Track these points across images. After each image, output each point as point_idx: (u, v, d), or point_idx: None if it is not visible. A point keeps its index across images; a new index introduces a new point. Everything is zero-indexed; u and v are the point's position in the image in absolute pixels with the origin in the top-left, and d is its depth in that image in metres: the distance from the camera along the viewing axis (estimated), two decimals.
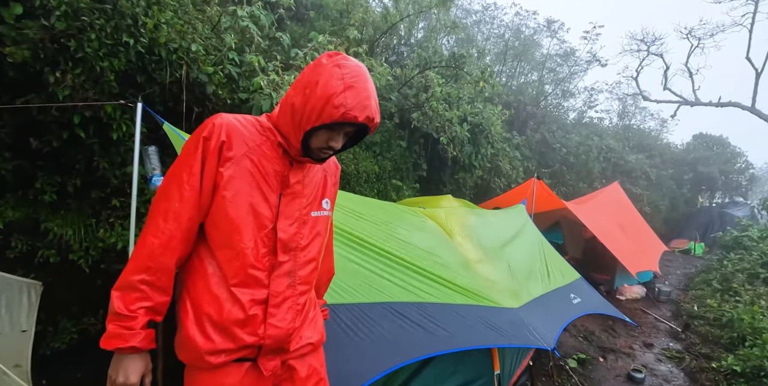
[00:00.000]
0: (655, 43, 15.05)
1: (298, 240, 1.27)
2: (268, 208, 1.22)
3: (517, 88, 13.38)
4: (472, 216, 3.98)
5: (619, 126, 17.36)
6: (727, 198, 18.86)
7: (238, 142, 1.18)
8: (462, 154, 6.52)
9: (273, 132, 1.24)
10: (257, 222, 1.20)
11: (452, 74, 6.88)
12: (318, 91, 1.10)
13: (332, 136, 1.19)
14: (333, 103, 1.09)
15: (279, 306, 1.23)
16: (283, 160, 1.25)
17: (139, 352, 1.15)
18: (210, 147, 1.15)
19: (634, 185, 13.32)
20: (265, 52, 4.63)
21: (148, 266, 1.13)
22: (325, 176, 1.40)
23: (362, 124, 1.16)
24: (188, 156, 1.17)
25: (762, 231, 10.00)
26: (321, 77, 1.11)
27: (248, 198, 1.19)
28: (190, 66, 3.34)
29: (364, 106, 1.12)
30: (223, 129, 1.17)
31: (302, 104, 1.14)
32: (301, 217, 1.28)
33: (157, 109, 3.46)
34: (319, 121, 1.12)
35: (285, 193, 1.25)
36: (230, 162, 1.17)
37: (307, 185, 1.31)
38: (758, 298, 6.29)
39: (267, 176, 1.22)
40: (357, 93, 1.11)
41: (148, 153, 2.90)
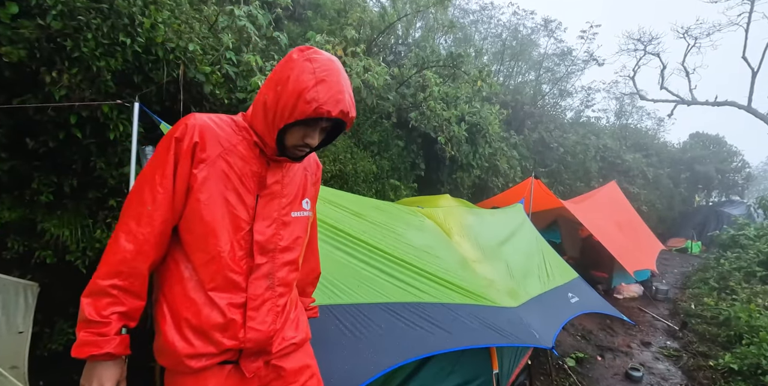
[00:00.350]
0: (652, 42, 15.11)
1: (276, 241, 1.24)
2: (245, 210, 1.19)
3: (515, 88, 13.40)
4: (470, 215, 3.99)
5: (616, 125, 17.41)
6: (724, 196, 18.96)
7: (212, 143, 1.16)
8: (460, 153, 6.52)
9: (248, 131, 1.22)
10: (233, 224, 1.17)
11: (450, 74, 6.88)
12: (289, 87, 1.08)
13: (307, 132, 1.17)
14: (305, 98, 1.07)
15: (258, 309, 1.21)
16: (260, 160, 1.22)
17: (114, 359, 1.09)
18: (182, 148, 1.13)
19: (631, 184, 13.36)
20: (263, 51, 4.62)
21: (120, 270, 1.09)
22: (305, 175, 1.38)
23: (337, 119, 1.14)
24: (160, 157, 1.14)
25: (758, 229, 10.04)
26: (292, 72, 1.09)
27: (223, 200, 1.16)
28: (188, 65, 3.33)
29: (337, 99, 1.09)
30: (196, 130, 1.14)
31: (274, 101, 1.11)
32: (280, 218, 1.26)
33: (154, 109, 3.44)
34: (292, 117, 1.10)
35: (262, 194, 1.22)
36: (204, 163, 1.14)
37: (286, 185, 1.28)
38: (755, 296, 6.33)
39: (243, 177, 1.19)
40: (329, 87, 1.08)
41: (145, 153, 2.88)
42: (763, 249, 8.16)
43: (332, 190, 3.06)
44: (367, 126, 6.03)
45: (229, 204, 1.16)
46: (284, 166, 1.28)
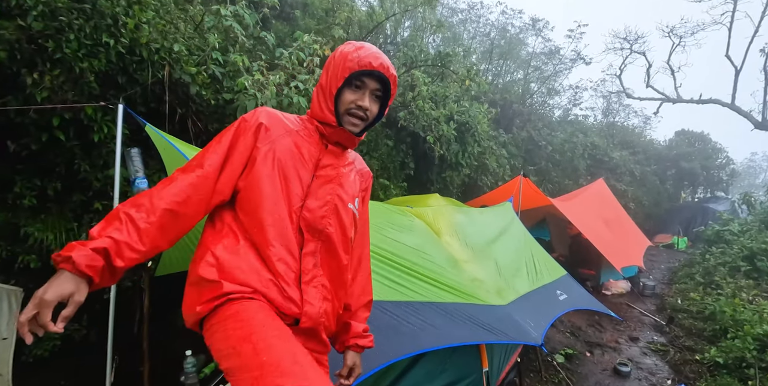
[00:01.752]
0: (638, 41, 15.31)
1: (325, 224, 1.24)
2: (300, 186, 1.22)
3: (504, 87, 13.48)
4: (460, 214, 4.00)
5: (603, 123, 17.58)
6: (709, 193, 19.23)
7: (277, 126, 1.25)
8: (449, 152, 6.54)
9: (310, 120, 1.32)
10: (290, 197, 1.20)
11: (438, 73, 6.90)
12: (336, 61, 1.23)
13: (357, 95, 1.24)
14: (348, 59, 1.20)
15: (309, 283, 1.19)
16: (319, 146, 1.29)
17: (75, 272, 0.94)
18: (248, 126, 1.23)
19: (618, 181, 13.51)
20: (250, 51, 4.59)
21: (140, 203, 1.07)
22: (357, 179, 1.40)
23: (380, 75, 1.22)
24: (223, 133, 1.24)
25: (742, 225, 10.21)
26: (336, 53, 1.25)
27: (282, 173, 1.20)
28: (173, 66, 3.30)
29: (376, 56, 1.22)
30: (264, 114, 1.25)
31: (326, 77, 1.25)
32: (332, 202, 1.26)
33: (140, 111, 3.41)
34: (342, 78, 1.20)
35: (317, 175, 1.26)
36: (268, 139, 1.22)
37: (341, 173, 1.31)
38: (739, 291, 6.43)
39: (302, 156, 1.25)
40: (367, 49, 1.23)
41: (130, 155, 2.85)
42: (746, 245, 8.29)
43: None
44: None
45: (287, 178, 1.21)
46: (340, 156, 1.34)
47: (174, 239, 1.14)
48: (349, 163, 1.38)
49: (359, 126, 1.28)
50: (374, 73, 1.22)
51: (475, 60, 13.04)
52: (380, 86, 1.26)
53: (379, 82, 1.25)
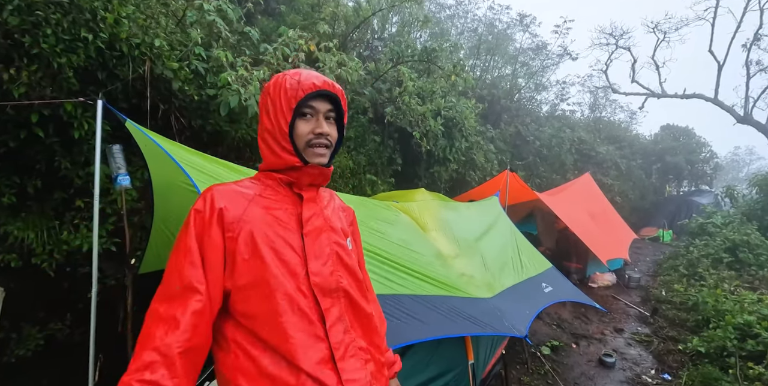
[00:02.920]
0: (623, 36, 15.44)
1: (337, 279, 1.12)
2: (294, 254, 1.08)
3: (491, 82, 13.51)
4: (446, 209, 4.02)
5: (590, 118, 17.74)
6: (694, 186, 19.55)
7: (236, 201, 1.08)
8: (436, 147, 6.56)
9: (267, 174, 1.17)
10: (289, 272, 1.05)
11: (425, 68, 6.90)
12: (274, 97, 1.11)
13: (311, 123, 1.12)
14: (288, 88, 1.08)
15: (344, 358, 1.08)
16: (291, 198, 1.15)
17: None
18: (205, 218, 1.04)
19: (605, 176, 13.68)
20: (234, 47, 4.55)
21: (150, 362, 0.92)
22: (340, 216, 1.29)
23: (327, 93, 1.12)
24: (183, 234, 1.05)
25: (725, 217, 10.41)
26: (269, 90, 1.13)
27: (270, 250, 1.05)
28: (154, 61, 3.25)
29: (316, 76, 1.12)
30: (215, 196, 1.07)
31: (268, 118, 1.12)
32: (333, 252, 1.15)
33: (121, 106, 3.37)
34: (289, 112, 1.09)
35: (306, 232, 1.11)
36: (235, 224, 1.05)
37: (327, 218, 1.19)
38: (721, 282, 6.58)
39: (280, 220, 1.10)
40: (302, 73, 1.12)
41: (112, 152, 2.82)
42: (729, 236, 8.46)
43: None
44: None
45: (277, 252, 1.06)
46: (318, 199, 1.20)
47: (200, 368, 1.01)
48: (329, 202, 1.27)
49: (326, 155, 1.14)
50: (321, 93, 1.11)
51: (463, 55, 13.06)
52: (331, 106, 1.15)
53: (329, 102, 1.14)
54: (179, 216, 3.21)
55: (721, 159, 23.48)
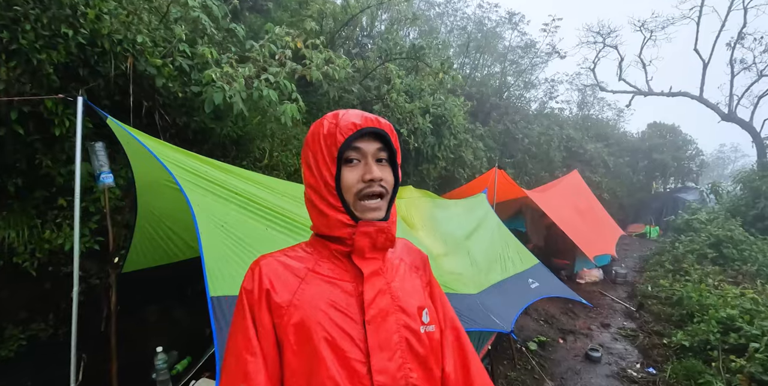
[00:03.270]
0: (611, 35, 15.57)
1: (406, 375, 0.93)
2: (354, 346, 0.90)
3: (481, 80, 13.57)
4: (434, 207, 4.03)
5: (578, 116, 17.90)
6: (680, 183, 19.82)
7: (286, 280, 0.95)
8: (425, 145, 6.57)
9: (320, 241, 1.00)
10: (346, 369, 0.89)
11: (413, 66, 6.90)
12: (312, 147, 0.96)
13: (359, 169, 0.94)
14: (327, 134, 0.92)
15: None
16: (350, 273, 0.96)
17: None
18: (254, 299, 0.93)
19: (593, 173, 13.81)
20: (220, 44, 4.51)
21: None
22: (415, 276, 1.07)
23: (373, 130, 0.93)
24: (238, 318, 0.95)
25: (710, 213, 10.58)
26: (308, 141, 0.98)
27: (323, 342, 0.89)
28: (137, 58, 3.21)
29: (355, 114, 0.94)
30: (263, 272, 0.95)
31: (311, 172, 0.96)
32: (402, 340, 0.94)
33: (104, 104, 3.33)
34: (333, 162, 0.92)
35: (369, 319, 0.92)
36: (284, 308, 0.92)
37: (397, 295, 0.98)
38: (706, 277, 6.69)
39: (338, 304, 0.92)
40: (341, 113, 0.95)
41: (94, 149, 2.79)
42: (713, 232, 8.60)
43: (289, 183, 3.03)
44: None
45: (334, 346, 0.89)
46: (384, 270, 1.00)
47: None
48: (397, 267, 1.04)
49: (381, 207, 0.95)
50: (365, 131, 0.92)
51: (452, 53, 13.08)
52: (380, 144, 0.95)
53: (377, 141, 0.95)
54: (163, 214, 3.19)
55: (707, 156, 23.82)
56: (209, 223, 1.98)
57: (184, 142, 3.76)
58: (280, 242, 2.19)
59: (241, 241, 2.02)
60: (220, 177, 2.33)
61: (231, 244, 1.97)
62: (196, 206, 1.98)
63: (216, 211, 2.07)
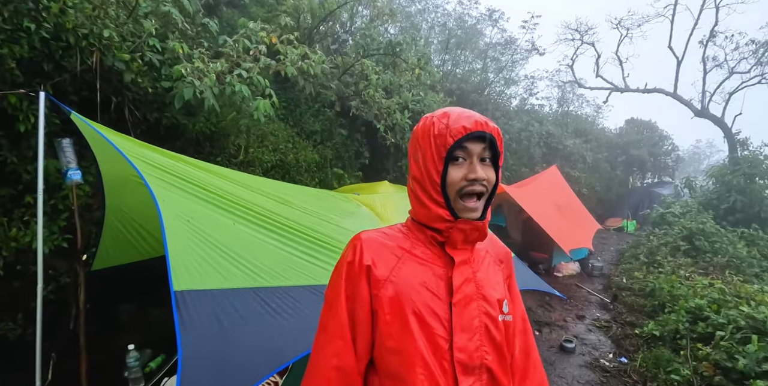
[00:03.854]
0: (588, 32, 15.78)
1: (482, 356, 1.02)
2: (440, 324, 1.00)
3: (462, 77, 13.65)
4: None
5: (558, 112, 18.14)
6: (656, 178, 20.26)
7: (386, 257, 1.03)
8: (404, 141, 6.60)
9: (419, 227, 1.08)
10: (431, 344, 0.98)
11: (390, 62, 6.91)
12: (421, 144, 1.02)
13: (464, 168, 1.00)
14: (436, 134, 0.99)
15: None
16: (442, 260, 1.05)
17: None
18: (355, 271, 1.02)
19: (572, 168, 14.04)
20: (193, 39, 4.46)
21: None
22: (499, 270, 1.16)
23: (481, 134, 0.99)
24: (335, 287, 1.05)
25: (683, 207, 10.84)
26: (418, 134, 1.05)
27: (414, 317, 0.99)
28: (104, 53, 3.16)
29: (466, 116, 0.99)
30: (365, 248, 1.03)
31: (418, 166, 1.04)
32: (482, 325, 1.03)
33: (71, 99, 3.27)
34: (440, 161, 0.99)
35: (456, 301, 1.01)
36: (382, 282, 1.01)
37: (481, 284, 1.07)
38: (678, 268, 6.86)
39: (429, 285, 1.01)
40: (451, 113, 1.01)
41: (62, 146, 2.74)
42: (686, 225, 8.82)
43: (260, 178, 3.03)
44: (309, 115, 5.98)
45: (423, 321, 0.99)
46: (472, 260, 1.08)
47: None
48: (483, 259, 1.12)
49: (479, 208, 1.02)
50: (473, 136, 0.98)
51: (433, 50, 13.14)
52: (485, 145, 1.01)
53: (483, 142, 1.00)
54: (132, 211, 3.15)
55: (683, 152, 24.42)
56: (175, 218, 1.97)
57: (156, 139, 3.71)
58: (247, 237, 2.20)
59: (208, 236, 2.02)
60: (188, 172, 2.31)
61: (197, 239, 1.96)
62: (162, 201, 1.97)
63: (182, 206, 2.06)
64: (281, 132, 5.34)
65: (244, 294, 1.92)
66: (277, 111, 5.48)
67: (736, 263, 7.47)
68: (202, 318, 1.73)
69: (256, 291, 1.98)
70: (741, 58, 13.36)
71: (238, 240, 2.14)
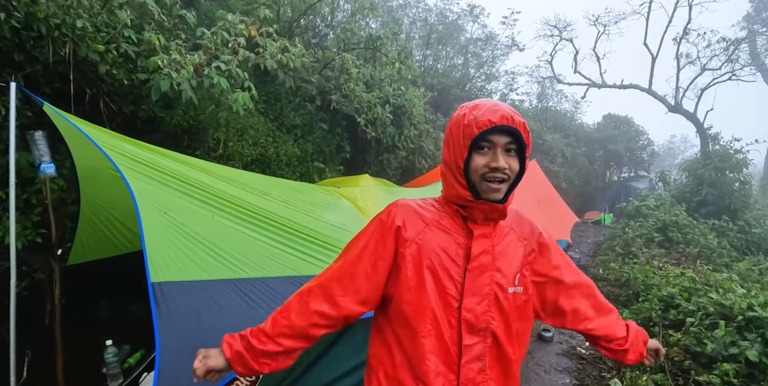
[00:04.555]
0: (567, 28, 16.00)
1: (488, 320, 1.13)
2: (453, 285, 1.12)
3: (443, 72, 13.70)
4: (390, 195, 4.09)
5: (538, 108, 18.38)
6: (633, 172, 20.75)
7: (415, 222, 1.16)
8: (385, 135, 6.62)
9: (448, 204, 1.20)
10: (443, 300, 1.11)
11: (371, 56, 6.91)
12: (453, 131, 1.13)
13: (488, 157, 1.09)
14: (465, 124, 1.08)
15: None
16: (465, 231, 1.16)
17: (222, 351, 1.20)
18: (385, 228, 1.17)
19: (552, 163, 14.27)
20: (170, 31, 4.38)
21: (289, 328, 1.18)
22: (520, 246, 1.23)
23: (505, 128, 1.07)
24: (366, 235, 1.20)
25: (657, 200, 11.14)
26: (452, 123, 1.15)
27: (431, 276, 1.12)
28: (77, 43, 3.09)
29: (494, 110, 1.07)
30: (399, 212, 1.18)
31: (448, 151, 1.15)
32: (491, 293, 1.13)
33: (43, 91, 3.19)
34: (465, 148, 1.09)
35: (470, 268, 1.12)
36: (409, 240, 1.14)
37: (498, 257, 1.16)
38: (652, 259, 7.07)
39: (448, 250, 1.14)
40: (483, 106, 1.10)
41: (34, 138, 2.68)
42: (660, 218, 9.08)
43: (239, 171, 3.02)
44: (290, 109, 5.94)
45: (437, 279, 1.12)
46: (493, 235, 1.18)
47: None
48: (505, 235, 1.22)
49: (501, 190, 1.11)
50: (498, 129, 1.07)
51: (414, 45, 13.15)
52: (511, 138, 1.09)
53: (508, 135, 1.09)
54: (109, 205, 3.11)
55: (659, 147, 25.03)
56: (152, 210, 1.96)
57: (133, 131, 3.64)
58: (226, 229, 2.19)
59: (186, 228, 2.01)
60: (164, 164, 2.29)
61: (174, 231, 1.95)
62: (138, 193, 1.95)
63: (159, 198, 2.05)
64: (261, 126, 5.30)
65: (222, 285, 1.92)
66: (257, 105, 5.44)
67: (706, 253, 7.73)
68: (180, 309, 1.73)
69: (235, 282, 1.98)
70: (712, 55, 13.77)
71: (217, 231, 2.13)
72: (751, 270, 6.32)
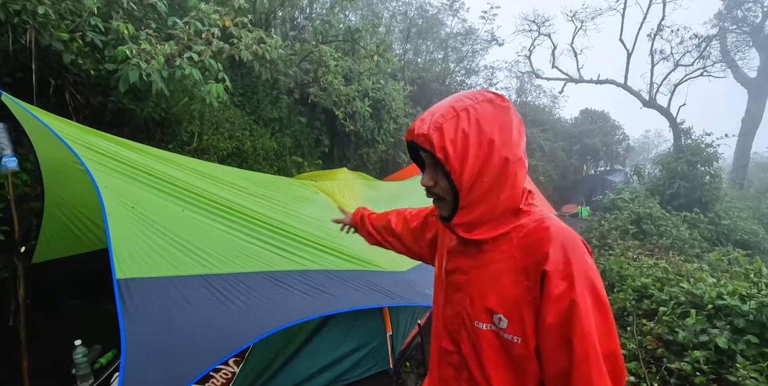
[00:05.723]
0: (545, 24, 16.12)
1: (459, 338, 1.00)
2: (442, 296, 1.11)
3: (423, 66, 13.68)
4: (368, 188, 4.06)
5: (517, 102, 18.50)
6: (609, 166, 21.16)
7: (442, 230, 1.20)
8: (364, 129, 6.57)
9: None
10: (437, 309, 1.14)
11: (350, 48, 6.83)
12: None
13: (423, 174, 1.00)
14: None
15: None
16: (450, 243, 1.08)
17: None
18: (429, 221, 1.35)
19: (530, 157, 14.38)
20: (140, 20, 4.23)
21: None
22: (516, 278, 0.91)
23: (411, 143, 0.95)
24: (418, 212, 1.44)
25: (632, 193, 11.39)
26: None
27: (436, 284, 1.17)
28: (39, 31, 2.95)
29: (417, 119, 0.93)
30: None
31: None
32: (461, 315, 1.00)
33: (4, 81, 3.05)
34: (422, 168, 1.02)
35: (448, 283, 1.06)
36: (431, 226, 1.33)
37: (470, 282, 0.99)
38: (626, 250, 7.21)
39: (440, 263, 1.15)
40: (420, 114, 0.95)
41: None
42: (635, 210, 9.28)
43: (213, 165, 2.95)
44: (267, 102, 5.83)
45: (435, 289, 1.17)
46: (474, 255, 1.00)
47: None
48: (496, 261, 0.95)
49: (441, 208, 0.98)
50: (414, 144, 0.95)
51: (395, 38, 13.07)
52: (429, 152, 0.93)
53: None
54: (75, 200, 3.00)
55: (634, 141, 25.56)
56: (118, 205, 1.89)
57: (102, 124, 3.51)
58: (198, 224, 2.13)
59: (154, 223, 1.94)
60: (133, 157, 2.21)
61: (142, 226, 1.89)
62: (104, 187, 1.88)
63: (126, 192, 1.98)
64: (237, 119, 5.19)
65: (193, 281, 1.88)
66: (233, 97, 5.32)
67: (679, 244, 7.94)
68: (148, 306, 1.68)
69: (206, 278, 1.94)
70: (685, 51, 14.06)
71: (188, 227, 2.07)
72: (721, 261, 6.50)
